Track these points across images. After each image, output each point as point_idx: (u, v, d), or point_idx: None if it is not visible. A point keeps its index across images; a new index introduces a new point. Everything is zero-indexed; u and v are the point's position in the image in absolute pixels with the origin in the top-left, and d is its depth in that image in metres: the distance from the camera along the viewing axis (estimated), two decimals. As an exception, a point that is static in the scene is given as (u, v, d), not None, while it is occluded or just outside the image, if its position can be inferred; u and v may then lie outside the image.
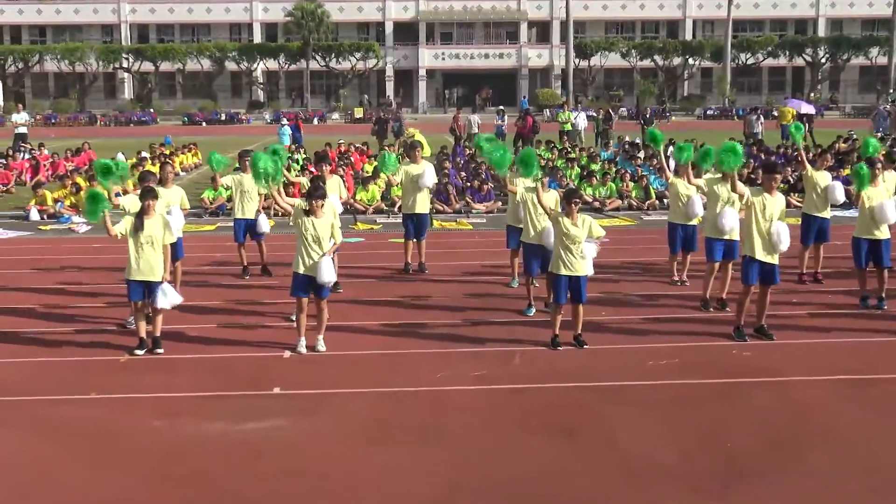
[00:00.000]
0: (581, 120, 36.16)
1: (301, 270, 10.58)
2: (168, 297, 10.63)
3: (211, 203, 21.92)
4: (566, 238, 10.59)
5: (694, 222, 13.61)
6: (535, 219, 12.04)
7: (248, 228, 14.67)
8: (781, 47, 75.18)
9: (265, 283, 14.44)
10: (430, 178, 14.65)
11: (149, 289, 10.68)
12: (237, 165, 15.80)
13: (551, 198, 11.98)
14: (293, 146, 31.42)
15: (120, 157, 27.61)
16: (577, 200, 10.72)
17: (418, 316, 12.44)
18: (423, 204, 14.91)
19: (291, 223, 10.63)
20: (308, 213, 10.57)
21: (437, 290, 13.98)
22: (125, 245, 10.66)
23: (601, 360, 10.51)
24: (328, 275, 10.43)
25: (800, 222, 14.04)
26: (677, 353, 10.65)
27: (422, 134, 32.29)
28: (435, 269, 15.24)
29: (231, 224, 15.03)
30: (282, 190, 11.50)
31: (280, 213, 20.85)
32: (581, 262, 10.64)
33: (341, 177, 15.01)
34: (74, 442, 8.32)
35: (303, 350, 10.71)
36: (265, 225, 14.66)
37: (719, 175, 11.82)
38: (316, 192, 10.57)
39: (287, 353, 10.71)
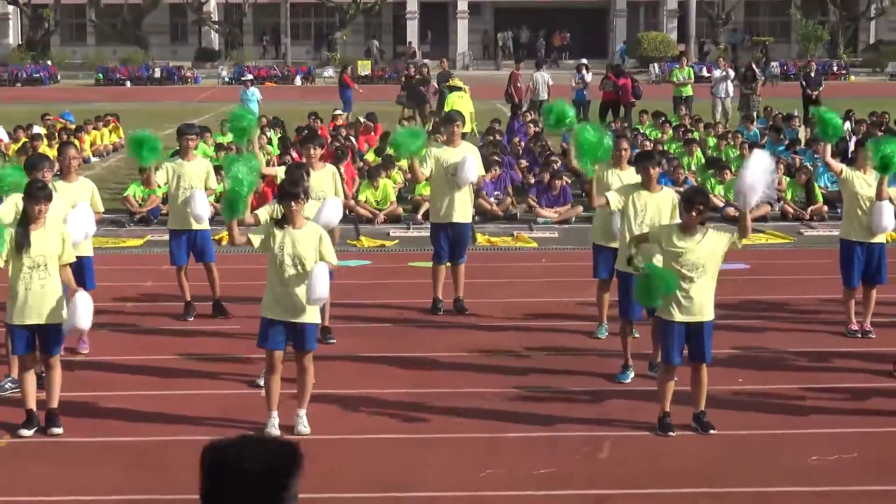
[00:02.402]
0: (727, 84, 35.96)
1: (274, 313, 10.66)
2: (79, 313, 10.61)
3: (140, 205, 22.13)
4: (681, 264, 10.57)
5: (881, 239, 13.68)
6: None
7: (193, 244, 14.81)
8: None
9: (219, 327, 14.53)
10: (473, 169, 14.72)
11: (42, 336, 10.81)
12: (176, 149, 15.95)
13: (666, 200, 12.02)
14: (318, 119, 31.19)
15: None
16: (702, 207, 10.69)
17: (451, 381, 12.46)
18: (462, 209, 15.00)
19: (258, 246, 10.68)
20: (282, 223, 10.66)
21: (481, 340, 13.98)
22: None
23: (736, 452, 10.44)
24: (322, 287, 10.49)
25: None
26: (856, 443, 10.57)
27: (468, 94, 32.53)
28: (478, 308, 15.28)
29: (167, 238, 15.17)
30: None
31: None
32: (702, 302, 10.62)
33: (338, 167, 15.13)
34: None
35: (275, 431, 10.76)
36: (201, 206, 14.27)
37: None
38: (293, 190, 10.65)
39: (251, 437, 10.75)
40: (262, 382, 11.27)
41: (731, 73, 36.41)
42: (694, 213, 10.56)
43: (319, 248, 10.65)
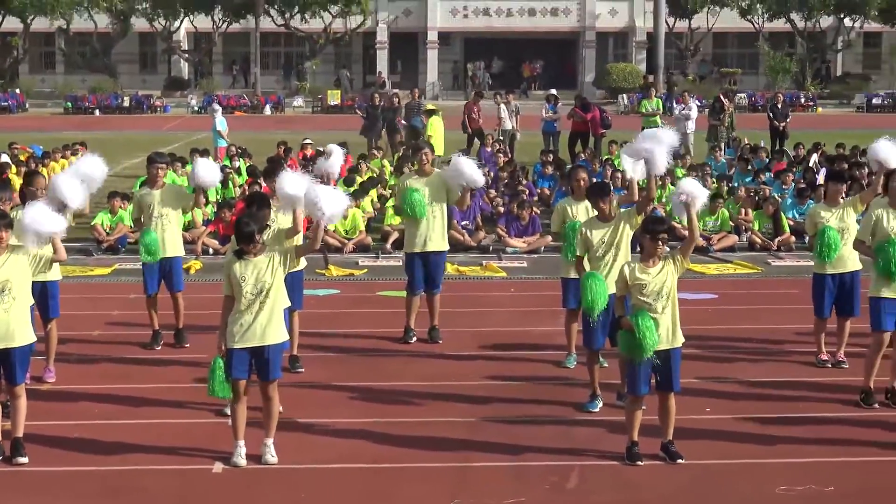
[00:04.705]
0: (691, 111, 36.02)
1: (238, 343, 10.63)
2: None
3: (108, 233, 22.05)
4: (645, 294, 10.60)
5: (854, 267, 13.79)
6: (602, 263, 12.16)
7: (165, 272, 14.77)
8: None
9: (185, 356, 14.49)
10: (473, 171, 14.54)
11: (6, 364, 10.73)
12: (142, 179, 15.89)
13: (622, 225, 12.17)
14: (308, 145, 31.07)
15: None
16: (664, 235, 10.73)
17: (419, 410, 12.45)
18: (438, 237, 15.02)
19: (225, 287, 10.72)
20: (242, 255, 10.65)
21: (449, 369, 13.99)
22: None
23: (704, 482, 10.46)
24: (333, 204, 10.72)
25: None
26: (826, 473, 10.59)
27: (440, 118, 32.50)
28: (447, 336, 15.27)
29: (139, 266, 15.11)
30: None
31: (211, 251, 21.10)
32: (669, 330, 10.66)
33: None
34: None
35: (241, 461, 10.72)
36: (206, 171, 14.20)
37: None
38: (247, 230, 10.52)
39: (218, 466, 10.72)
40: (228, 411, 11.23)
41: (694, 110, 36.43)
42: (659, 243, 10.62)
43: (283, 253, 10.66)
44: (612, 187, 13.46)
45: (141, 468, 10.71)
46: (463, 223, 22.36)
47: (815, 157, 28.80)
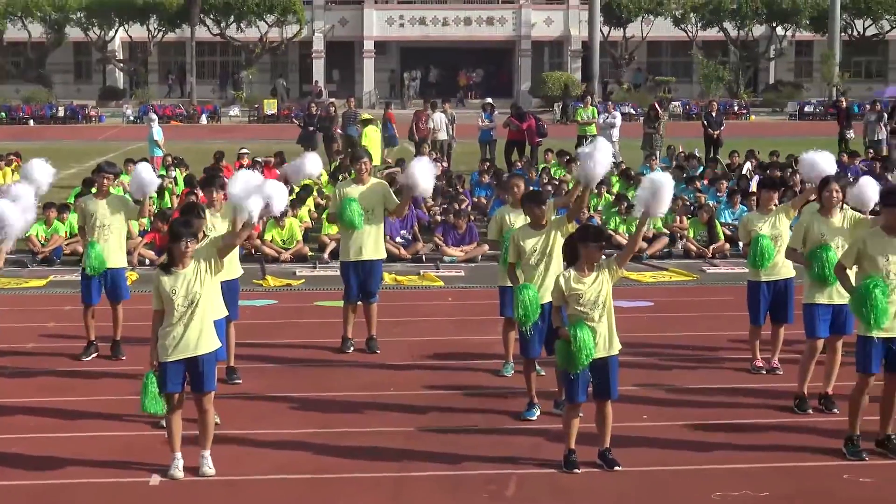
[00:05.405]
0: (616, 119, 36.43)
1: (171, 356, 10.56)
2: None
3: (43, 245, 21.88)
4: (582, 304, 10.63)
5: (788, 274, 13.93)
6: (534, 271, 12.24)
7: (107, 284, 14.68)
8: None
9: (121, 368, 14.39)
10: (427, 177, 14.42)
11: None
12: (78, 190, 15.80)
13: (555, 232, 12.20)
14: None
15: None
16: (601, 244, 10.77)
17: (357, 420, 12.42)
18: (374, 246, 14.99)
19: (155, 303, 10.67)
20: (169, 268, 10.59)
21: (387, 379, 13.97)
22: None
23: (642, 489, 10.51)
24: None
25: None
26: (760, 478, 10.67)
27: (376, 128, 32.51)
28: (384, 346, 15.25)
29: (74, 278, 14.99)
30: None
31: (148, 262, 20.96)
32: (606, 338, 10.72)
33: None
34: None
35: (179, 473, 10.66)
36: (145, 176, 14.11)
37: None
38: (183, 230, 10.53)
39: (156, 479, 10.65)
40: (165, 424, 11.16)
41: (618, 118, 36.64)
42: (595, 252, 10.67)
43: (213, 256, 10.62)
44: (547, 195, 13.51)
45: (77, 482, 10.63)
46: (401, 232, 22.36)
47: (748, 165, 29.04)
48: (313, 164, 14.34)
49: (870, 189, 12.50)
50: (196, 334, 10.55)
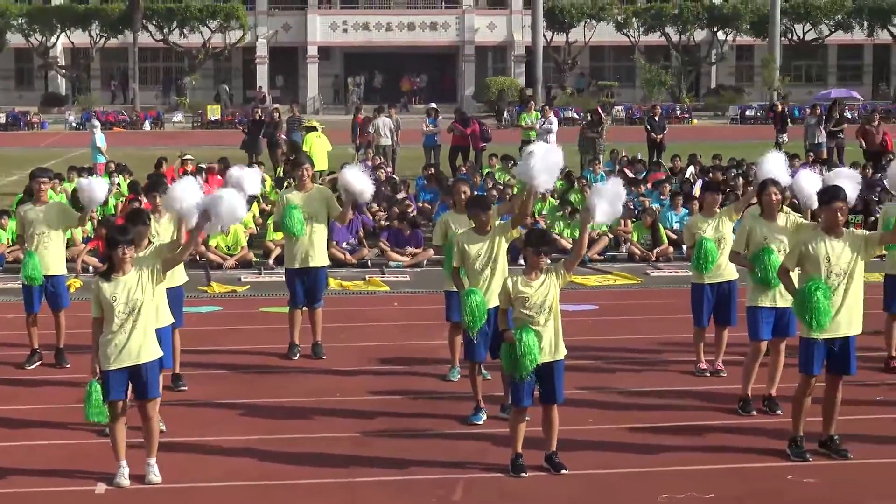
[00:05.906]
0: (552, 125, 36.51)
1: (113, 364, 10.49)
2: None
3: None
4: (528, 308, 10.67)
5: (731, 276, 14.05)
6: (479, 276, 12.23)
7: (47, 291, 14.58)
8: (856, 15, 77.06)
9: (66, 376, 14.28)
10: (360, 181, 14.40)
11: None
12: (20, 196, 15.70)
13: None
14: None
15: None
16: (546, 248, 10.82)
17: (305, 426, 12.40)
18: (318, 253, 14.97)
19: (96, 312, 10.58)
20: (109, 275, 10.52)
21: (333, 384, 13.95)
22: None
23: (588, 492, 10.54)
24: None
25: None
26: (706, 480, 10.73)
27: (319, 135, 32.44)
28: (330, 352, 15.23)
29: (16, 286, 14.88)
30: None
31: (91, 269, 20.82)
32: (552, 342, 10.75)
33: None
34: None
35: (125, 481, 10.60)
36: (96, 188, 14.04)
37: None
38: (119, 237, 10.45)
39: (101, 487, 10.59)
40: (109, 432, 11.10)
41: (555, 124, 36.67)
42: (542, 256, 10.71)
43: (150, 268, 10.55)
44: (492, 201, 13.53)
45: (22, 491, 10.54)
46: (347, 238, 22.34)
47: (691, 169, 29.21)
48: (252, 183, 13.94)
49: (807, 181, 12.58)
50: (139, 342, 10.49)
